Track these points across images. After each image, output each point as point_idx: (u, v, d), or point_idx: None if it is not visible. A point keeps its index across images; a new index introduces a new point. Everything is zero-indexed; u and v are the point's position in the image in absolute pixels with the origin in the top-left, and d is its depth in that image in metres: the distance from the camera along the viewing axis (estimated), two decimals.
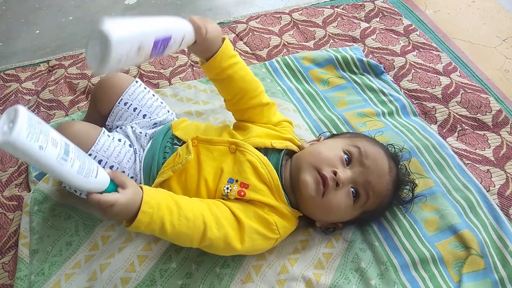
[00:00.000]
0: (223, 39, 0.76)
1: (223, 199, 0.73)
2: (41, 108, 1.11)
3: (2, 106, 1.13)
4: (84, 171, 0.55)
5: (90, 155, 0.75)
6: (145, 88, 0.90)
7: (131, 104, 0.87)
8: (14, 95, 1.16)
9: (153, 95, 0.91)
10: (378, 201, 0.75)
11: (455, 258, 0.77)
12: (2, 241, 0.84)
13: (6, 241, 0.84)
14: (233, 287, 0.74)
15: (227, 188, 0.73)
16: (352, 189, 0.73)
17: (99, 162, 0.76)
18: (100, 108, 0.89)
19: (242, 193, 0.72)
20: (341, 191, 0.72)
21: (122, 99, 0.87)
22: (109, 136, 0.80)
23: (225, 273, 0.75)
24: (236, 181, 0.73)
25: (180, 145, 0.79)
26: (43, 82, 1.19)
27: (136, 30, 0.57)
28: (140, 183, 0.78)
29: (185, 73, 1.20)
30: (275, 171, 0.75)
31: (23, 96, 1.15)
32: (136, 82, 0.89)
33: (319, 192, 0.72)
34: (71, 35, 1.46)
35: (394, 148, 0.85)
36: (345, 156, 0.75)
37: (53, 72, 1.22)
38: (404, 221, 0.81)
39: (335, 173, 0.72)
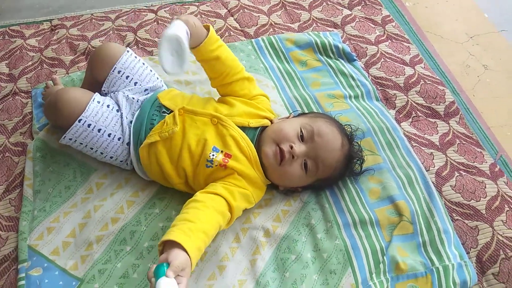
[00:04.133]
0: (207, 27, 0.91)
1: (207, 165, 0.87)
2: (44, 65, 1.22)
3: (7, 60, 1.24)
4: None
5: (80, 120, 0.89)
6: (135, 57, 1.01)
7: (124, 72, 0.98)
8: (19, 50, 1.26)
9: (143, 64, 1.02)
10: (329, 172, 0.91)
11: (389, 222, 0.93)
12: (9, 180, 0.98)
13: (12, 181, 0.98)
14: None
15: (212, 155, 0.87)
16: (304, 161, 0.88)
17: (88, 126, 0.89)
18: (96, 75, 1.01)
19: (225, 161, 0.87)
20: (296, 162, 0.88)
21: (115, 67, 0.97)
22: (98, 102, 0.92)
23: None
24: (221, 151, 0.88)
25: (168, 114, 0.92)
26: (46, 41, 1.29)
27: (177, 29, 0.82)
28: (129, 142, 0.92)
29: None
30: (252, 144, 0.90)
31: (27, 52, 1.26)
32: (128, 51, 1.00)
33: (277, 161, 0.88)
34: None
35: (351, 127, 1.00)
36: (301, 133, 0.89)
37: (56, 31, 1.32)
38: (352, 189, 0.97)
39: (291, 147, 0.87)
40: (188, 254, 0.71)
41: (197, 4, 1.44)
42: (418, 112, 1.17)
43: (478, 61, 1.42)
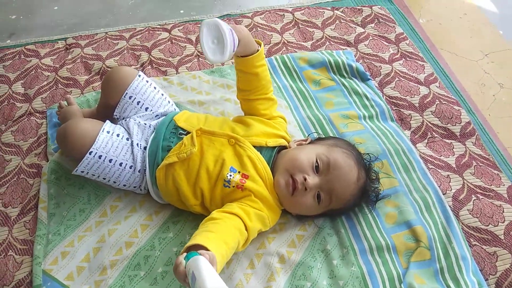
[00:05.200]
0: (259, 43, 0.95)
1: (224, 184, 0.87)
2: (59, 85, 1.23)
3: (23, 80, 1.25)
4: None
5: (91, 152, 0.89)
6: (147, 81, 1.01)
7: (135, 97, 0.98)
8: (34, 70, 1.27)
9: (155, 88, 1.02)
10: (342, 203, 0.90)
11: (406, 248, 0.92)
12: (24, 203, 0.98)
13: (27, 203, 0.98)
14: None
15: (230, 176, 0.87)
16: (318, 192, 0.88)
17: (99, 157, 0.89)
18: (109, 99, 1.01)
19: (243, 181, 0.87)
20: (309, 194, 0.88)
21: (127, 93, 0.97)
22: (108, 132, 0.92)
23: None
24: (239, 172, 0.88)
25: (185, 135, 0.92)
26: (61, 60, 1.31)
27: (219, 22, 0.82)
28: (140, 170, 0.92)
29: (191, 63, 1.31)
30: (268, 167, 0.90)
31: (42, 71, 1.27)
32: (139, 76, 1.00)
33: (289, 191, 0.88)
34: (87, 13, 1.56)
35: (370, 157, 0.99)
36: (316, 164, 0.88)
37: (70, 50, 1.34)
38: (368, 214, 0.96)
39: (305, 179, 0.86)
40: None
41: (209, 60, 1.44)
42: (433, 133, 1.16)
43: (493, 79, 1.40)
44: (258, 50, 0.93)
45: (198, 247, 0.71)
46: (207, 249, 0.71)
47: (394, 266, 0.89)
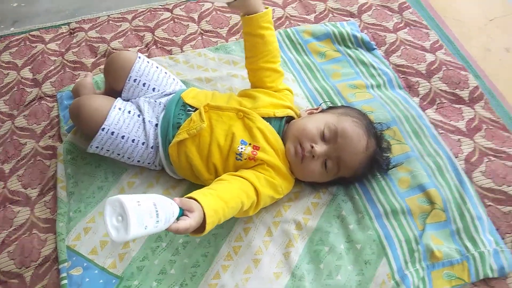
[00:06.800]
0: (266, 8, 0.94)
1: (236, 158, 0.88)
2: (67, 69, 1.23)
3: (31, 65, 1.25)
4: (169, 219, 0.63)
5: (103, 128, 0.90)
6: (148, 62, 1.00)
7: (140, 80, 0.98)
8: (40, 55, 1.27)
9: (157, 67, 1.02)
10: (351, 172, 0.91)
11: (421, 211, 0.93)
12: (43, 183, 1.00)
13: (45, 184, 1.00)
14: (237, 224, 0.91)
15: (241, 148, 0.87)
16: (325, 160, 0.89)
17: (112, 133, 0.90)
18: (113, 85, 1.01)
19: (254, 153, 0.87)
20: (317, 161, 0.89)
21: (130, 76, 0.97)
22: (120, 109, 0.93)
23: None
24: (250, 144, 0.88)
25: (194, 111, 0.93)
26: (66, 44, 1.31)
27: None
28: (153, 146, 0.93)
29: (195, 41, 1.31)
30: (279, 136, 0.91)
31: (49, 56, 1.27)
32: (139, 58, 0.99)
33: (298, 159, 0.89)
34: None
35: (382, 126, 0.99)
36: (325, 132, 0.89)
37: (75, 35, 1.34)
38: (381, 179, 0.97)
39: (312, 147, 0.87)
40: (202, 206, 0.71)
41: (212, 0, 1.44)
42: (442, 99, 1.16)
43: (499, 44, 1.40)
44: (264, 12, 0.93)
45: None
46: (198, 202, 0.71)
47: (410, 229, 0.91)
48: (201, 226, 0.71)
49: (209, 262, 0.86)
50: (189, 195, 0.73)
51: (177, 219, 0.66)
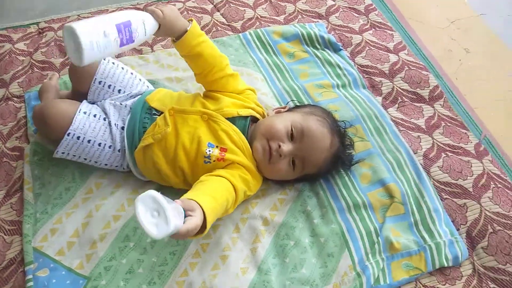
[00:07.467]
0: (191, 21, 0.91)
1: (205, 161, 0.89)
2: (35, 69, 1.22)
3: None
4: (178, 224, 0.65)
5: (69, 134, 0.90)
6: (113, 63, 1.00)
7: (105, 82, 0.98)
8: (8, 55, 1.26)
9: (123, 68, 1.01)
10: (315, 169, 0.94)
11: (382, 204, 0.97)
12: (9, 185, 0.99)
13: (12, 185, 0.99)
14: None
15: (209, 151, 0.89)
16: (292, 159, 0.92)
17: (78, 138, 0.90)
18: (79, 88, 1.01)
19: (222, 155, 0.89)
20: (284, 160, 0.92)
21: (96, 78, 0.97)
22: (85, 113, 0.93)
23: None
24: (216, 146, 0.90)
25: (159, 115, 0.94)
26: (35, 44, 1.30)
27: (96, 20, 0.75)
28: (120, 149, 0.93)
29: (166, 40, 1.32)
30: (244, 136, 0.92)
31: (16, 56, 1.26)
32: (104, 59, 0.98)
33: (266, 158, 0.91)
34: None
35: (345, 124, 1.03)
36: (291, 131, 0.92)
37: (43, 34, 1.33)
38: (344, 175, 1.01)
39: (279, 146, 0.90)
40: (201, 206, 0.72)
41: (182, 0, 1.45)
42: (403, 98, 1.21)
43: (460, 45, 1.46)
44: (187, 30, 0.89)
45: None
46: (197, 203, 0.73)
47: (371, 222, 0.95)
48: (201, 226, 0.73)
49: (177, 260, 0.88)
50: (184, 196, 0.75)
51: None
